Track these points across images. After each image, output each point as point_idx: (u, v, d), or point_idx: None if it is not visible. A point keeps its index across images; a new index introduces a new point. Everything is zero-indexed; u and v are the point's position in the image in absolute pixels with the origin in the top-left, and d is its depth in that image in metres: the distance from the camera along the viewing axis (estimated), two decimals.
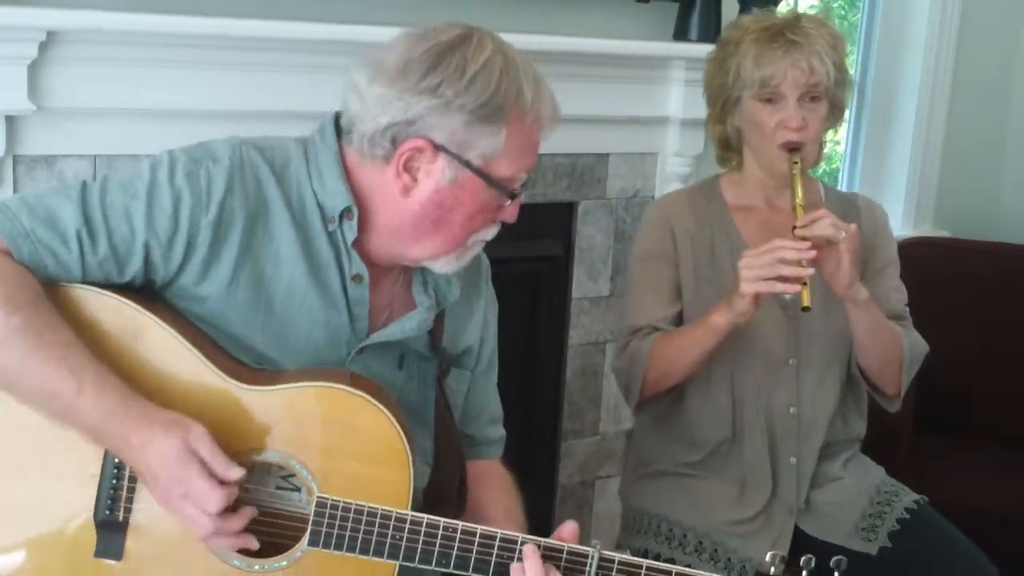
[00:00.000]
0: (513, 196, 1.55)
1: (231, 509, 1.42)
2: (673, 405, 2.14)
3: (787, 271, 1.87)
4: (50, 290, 1.46)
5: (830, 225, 1.90)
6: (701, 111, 2.74)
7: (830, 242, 1.90)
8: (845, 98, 2.11)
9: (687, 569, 1.47)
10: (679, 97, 2.75)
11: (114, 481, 1.47)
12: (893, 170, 3.54)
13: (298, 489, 1.52)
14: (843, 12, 3.73)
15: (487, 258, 1.76)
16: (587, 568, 1.46)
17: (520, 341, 2.77)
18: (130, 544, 1.48)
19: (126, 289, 1.50)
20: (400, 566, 1.48)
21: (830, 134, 2.18)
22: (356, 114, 1.52)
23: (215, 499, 1.39)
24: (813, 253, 1.88)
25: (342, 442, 1.48)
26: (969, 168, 3.62)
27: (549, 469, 2.87)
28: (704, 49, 2.67)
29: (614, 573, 1.46)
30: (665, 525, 2.12)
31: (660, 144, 2.82)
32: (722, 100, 2.11)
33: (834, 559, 1.50)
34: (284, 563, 1.48)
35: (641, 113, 2.75)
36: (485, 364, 1.77)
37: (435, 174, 1.50)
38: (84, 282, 1.47)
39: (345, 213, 1.54)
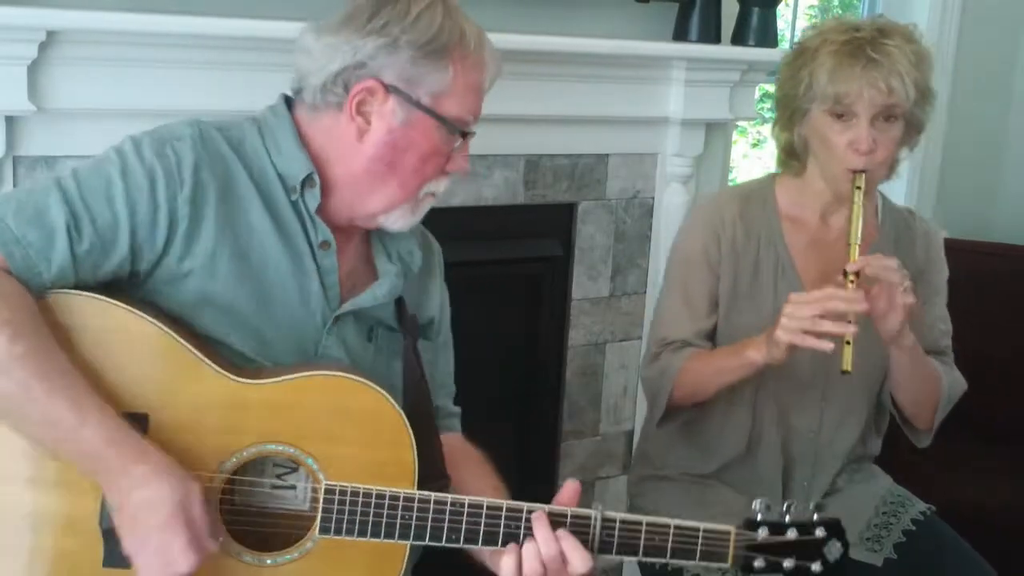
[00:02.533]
0: (463, 135, 1.60)
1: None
2: (692, 421, 2.12)
3: (830, 327, 1.78)
4: (40, 299, 1.44)
5: (884, 268, 1.82)
6: (701, 111, 2.77)
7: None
8: (926, 119, 2.01)
9: (685, 521, 1.52)
10: (679, 97, 2.74)
11: None
12: None
13: (294, 487, 1.53)
14: (841, 11, 3.73)
15: (438, 243, 1.84)
16: (591, 529, 1.50)
17: (520, 341, 2.77)
18: None
19: (114, 290, 1.49)
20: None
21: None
22: (306, 70, 1.58)
23: (186, 562, 1.39)
24: (865, 306, 1.80)
25: (344, 428, 1.50)
26: (969, 168, 3.62)
27: (549, 469, 2.87)
28: (704, 49, 2.70)
29: (616, 531, 1.51)
30: None
31: (660, 145, 2.82)
32: (792, 109, 2.02)
33: (814, 506, 1.54)
34: (296, 555, 1.50)
35: (641, 113, 2.75)
36: (443, 337, 1.82)
37: (387, 116, 1.55)
38: (77, 280, 1.47)
39: (306, 181, 1.58)
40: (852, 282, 1.82)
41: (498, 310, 2.70)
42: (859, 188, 1.91)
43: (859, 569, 2.04)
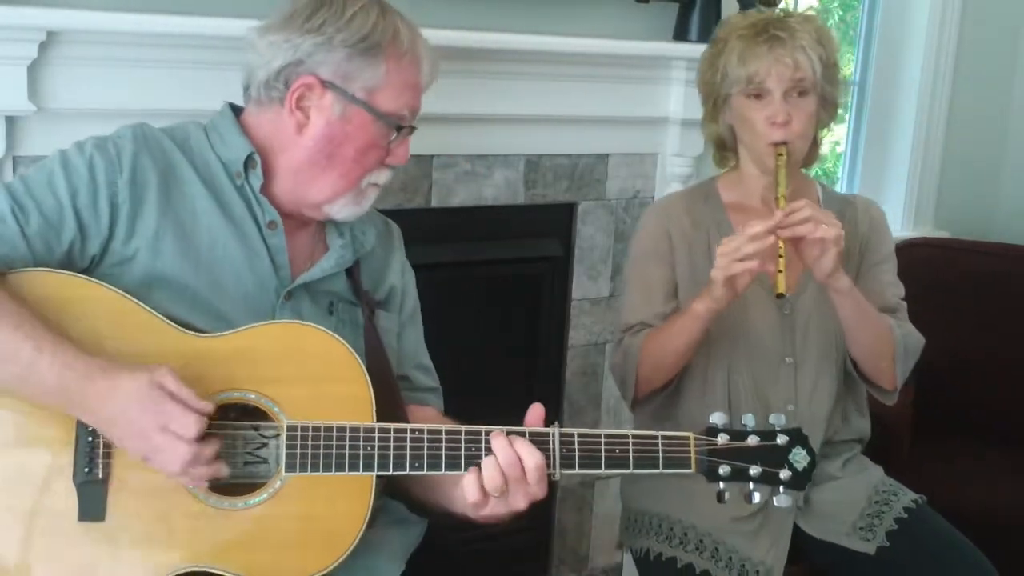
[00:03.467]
0: (399, 128, 1.67)
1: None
2: (670, 404, 2.15)
3: (751, 248, 1.87)
4: None
5: (808, 218, 1.89)
6: (701, 111, 2.76)
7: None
8: (838, 94, 2.11)
9: (644, 431, 1.57)
10: (679, 97, 2.75)
11: (90, 439, 1.51)
12: (893, 170, 3.54)
13: (266, 461, 1.56)
14: (841, 11, 3.73)
15: (398, 227, 1.91)
16: (550, 444, 1.54)
17: (520, 341, 2.77)
18: (111, 502, 1.51)
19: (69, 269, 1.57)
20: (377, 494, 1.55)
21: (830, 135, 2.18)
22: (252, 66, 1.68)
23: (191, 423, 1.44)
24: (778, 217, 1.88)
25: (299, 369, 1.55)
26: (969, 168, 3.62)
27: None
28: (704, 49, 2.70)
29: (576, 445, 1.55)
30: (666, 524, 2.12)
31: (660, 144, 2.82)
32: (713, 99, 2.13)
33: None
34: (265, 495, 1.53)
35: (641, 113, 2.75)
36: (409, 312, 1.88)
37: (325, 110, 1.64)
38: (34, 257, 1.54)
39: (248, 163, 1.67)
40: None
41: (498, 310, 2.70)
42: (781, 156, 2.02)
43: (853, 557, 2.06)
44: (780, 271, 1.89)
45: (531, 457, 1.52)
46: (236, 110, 1.74)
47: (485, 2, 2.45)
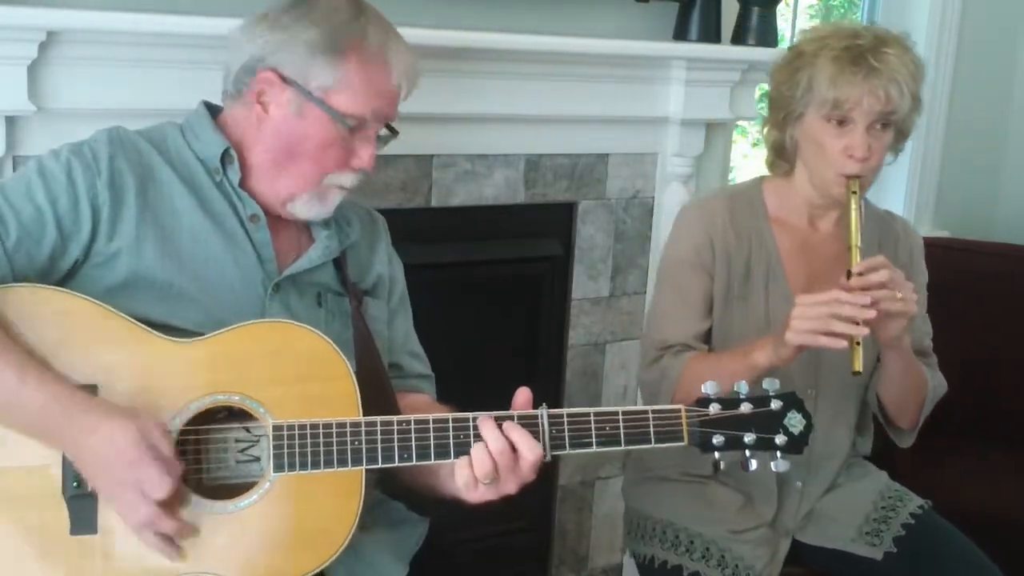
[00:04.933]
0: (352, 129, 1.66)
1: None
2: None
3: (840, 328, 1.77)
4: None
5: (886, 283, 1.80)
6: (701, 111, 2.77)
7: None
8: (912, 124, 2.02)
9: (633, 407, 1.55)
10: (679, 97, 2.74)
11: None
12: (893, 170, 3.53)
13: (257, 459, 1.56)
14: (842, 11, 3.73)
15: (383, 217, 1.92)
16: (539, 426, 1.54)
17: (520, 341, 2.77)
18: (103, 514, 1.49)
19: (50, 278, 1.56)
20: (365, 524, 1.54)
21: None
22: (227, 61, 1.72)
23: (164, 485, 1.43)
24: (873, 313, 1.78)
25: (284, 369, 1.54)
26: (969, 168, 3.62)
27: (549, 469, 2.86)
28: (704, 49, 2.70)
29: (565, 425, 1.55)
30: (671, 531, 2.09)
31: (660, 144, 2.82)
32: (786, 110, 2.01)
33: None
34: (255, 497, 1.53)
35: (641, 113, 2.75)
36: (397, 300, 1.88)
37: (283, 106, 1.66)
38: (13, 270, 1.52)
39: (225, 159, 1.68)
40: (855, 285, 1.82)
41: (498, 310, 2.70)
42: (854, 193, 1.92)
43: (859, 563, 2.04)
44: (858, 344, 1.78)
45: (528, 448, 1.52)
46: (213, 109, 1.75)
47: (485, 2, 2.45)
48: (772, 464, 1.57)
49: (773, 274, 2.06)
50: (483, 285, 2.66)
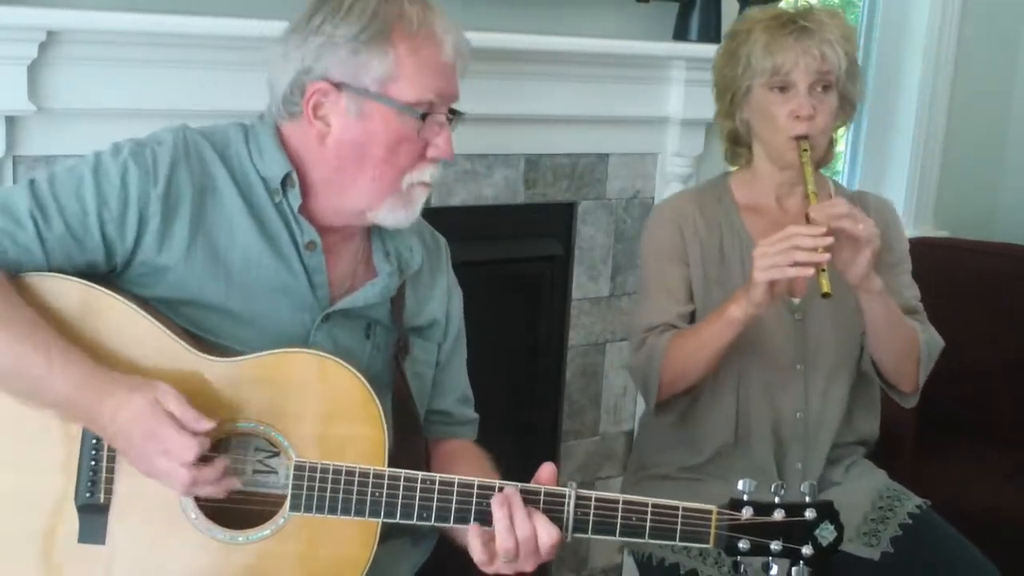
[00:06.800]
0: (424, 117, 1.55)
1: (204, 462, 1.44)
2: (688, 408, 2.12)
3: (802, 256, 1.83)
4: (13, 279, 1.47)
5: (846, 215, 1.87)
6: (701, 111, 2.76)
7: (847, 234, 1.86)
8: (856, 92, 2.09)
9: (664, 500, 1.50)
10: (679, 97, 2.75)
11: (92, 463, 1.49)
12: (893, 170, 3.54)
13: (276, 471, 1.53)
14: (842, 11, 3.73)
15: (446, 241, 1.82)
16: (565, 507, 1.48)
17: (520, 341, 2.77)
18: (113, 526, 1.49)
19: (91, 276, 1.51)
20: (382, 535, 1.50)
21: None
22: (270, 83, 1.59)
23: (188, 447, 1.41)
24: (829, 240, 1.84)
25: (314, 405, 1.50)
26: (969, 168, 3.62)
27: None
28: (704, 49, 2.69)
29: (591, 510, 1.49)
30: None
31: (660, 144, 2.82)
32: (732, 92, 2.09)
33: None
34: (267, 532, 1.50)
35: (641, 113, 2.75)
36: (452, 341, 1.78)
37: (341, 113, 1.54)
38: (49, 266, 1.49)
39: (287, 181, 1.57)
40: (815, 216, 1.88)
41: (498, 310, 2.70)
42: (805, 151, 1.98)
43: (856, 564, 2.04)
44: (823, 269, 1.84)
45: (548, 535, 1.46)
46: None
47: (485, 2, 2.45)
48: (793, 570, 1.51)
49: (748, 256, 2.06)
50: (483, 285, 2.65)
